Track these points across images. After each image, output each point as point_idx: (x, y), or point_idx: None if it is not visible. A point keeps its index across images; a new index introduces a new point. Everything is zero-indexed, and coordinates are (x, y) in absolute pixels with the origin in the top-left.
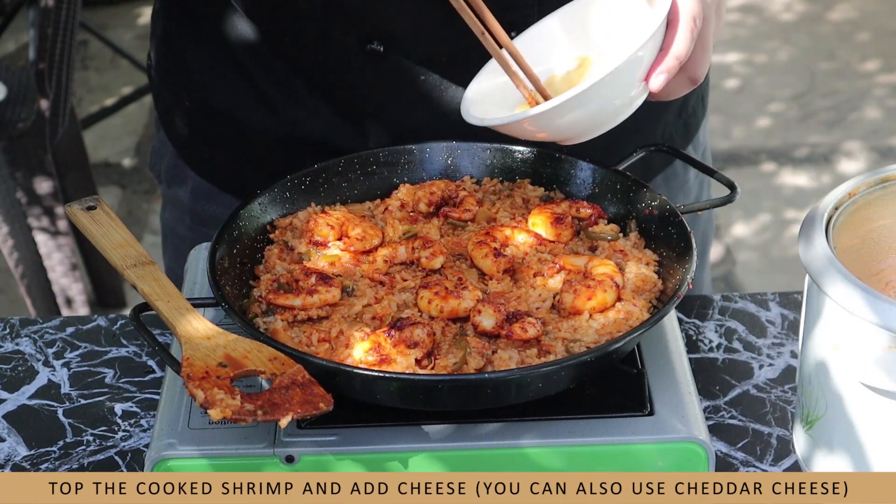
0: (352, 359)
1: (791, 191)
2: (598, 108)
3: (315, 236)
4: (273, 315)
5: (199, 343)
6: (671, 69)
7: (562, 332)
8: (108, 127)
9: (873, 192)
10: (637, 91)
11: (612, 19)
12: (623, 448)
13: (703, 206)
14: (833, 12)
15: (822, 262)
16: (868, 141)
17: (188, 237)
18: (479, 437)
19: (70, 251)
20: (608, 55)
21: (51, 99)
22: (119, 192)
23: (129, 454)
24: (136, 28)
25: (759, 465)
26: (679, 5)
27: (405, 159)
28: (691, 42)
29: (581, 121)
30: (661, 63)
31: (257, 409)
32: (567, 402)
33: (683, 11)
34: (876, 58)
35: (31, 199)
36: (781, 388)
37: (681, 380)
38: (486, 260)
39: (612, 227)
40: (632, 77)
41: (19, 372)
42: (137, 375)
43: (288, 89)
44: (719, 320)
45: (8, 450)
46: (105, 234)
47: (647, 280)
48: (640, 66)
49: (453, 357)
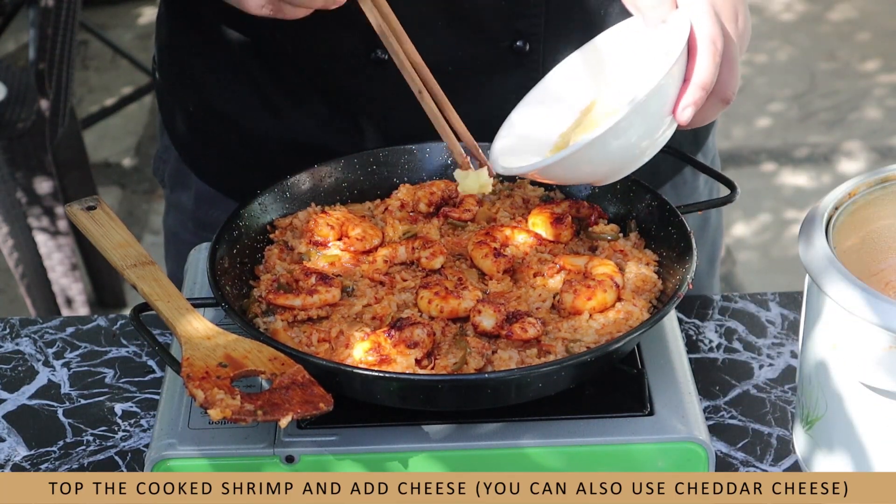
0: (352, 359)
1: (791, 191)
2: (623, 147)
3: (315, 236)
4: (273, 315)
5: (199, 343)
6: (697, 100)
7: (562, 332)
8: (108, 127)
9: (873, 192)
10: (665, 126)
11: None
12: (623, 448)
13: (703, 205)
14: (833, 12)
15: (822, 262)
16: (868, 141)
17: (191, 242)
18: (479, 437)
19: (70, 251)
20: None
21: (51, 99)
22: (119, 192)
23: (129, 454)
24: (136, 28)
25: (759, 465)
26: (696, 31)
27: (405, 159)
28: (714, 67)
29: (607, 162)
30: (685, 95)
31: (257, 409)
32: (567, 402)
33: (701, 36)
34: (876, 58)
35: (31, 199)
36: (781, 388)
37: (681, 380)
38: (486, 260)
39: (612, 227)
40: (657, 112)
41: (19, 372)
42: (137, 375)
43: (293, 95)
44: (719, 320)
45: (8, 450)
46: (105, 234)
47: (647, 280)
48: (664, 101)
49: (453, 357)
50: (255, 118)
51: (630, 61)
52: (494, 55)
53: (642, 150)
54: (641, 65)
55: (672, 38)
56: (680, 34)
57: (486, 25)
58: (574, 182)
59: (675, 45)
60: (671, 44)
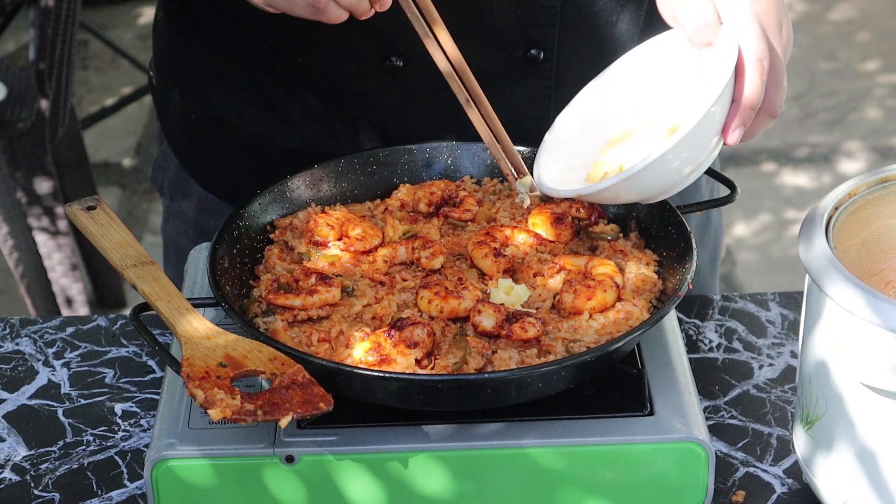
0: (352, 359)
1: (791, 191)
2: (671, 172)
3: (315, 236)
4: (273, 315)
5: (199, 343)
6: (746, 121)
7: (562, 332)
8: (108, 127)
9: (873, 192)
10: (712, 146)
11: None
12: (623, 448)
13: (703, 206)
14: (833, 12)
15: (822, 262)
16: (868, 141)
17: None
18: (479, 437)
19: (70, 251)
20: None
21: (51, 99)
22: (119, 192)
23: (129, 454)
24: (136, 28)
25: (759, 465)
26: (744, 50)
27: (405, 159)
28: (762, 87)
29: (655, 187)
30: (735, 118)
31: (257, 409)
32: (567, 402)
33: (749, 56)
34: (876, 58)
35: (31, 199)
36: (781, 388)
37: (681, 380)
38: (486, 260)
39: (612, 227)
40: (706, 136)
41: (19, 372)
42: (137, 375)
43: (300, 103)
44: (719, 320)
45: (8, 450)
46: (105, 234)
47: (647, 280)
48: (713, 125)
49: (453, 357)
50: (259, 126)
51: (672, 77)
52: (508, 64)
53: (689, 172)
54: (685, 82)
55: (717, 58)
56: (727, 54)
57: (501, 34)
58: (616, 203)
59: (724, 67)
60: (717, 63)
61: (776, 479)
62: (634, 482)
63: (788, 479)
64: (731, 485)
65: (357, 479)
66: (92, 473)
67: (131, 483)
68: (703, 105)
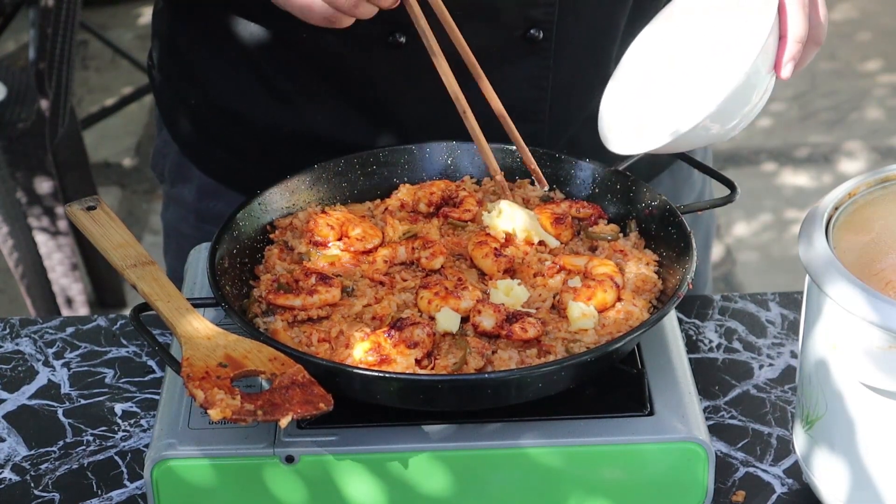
0: (352, 359)
1: (791, 191)
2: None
3: (315, 236)
4: (273, 315)
5: (199, 343)
6: (796, 54)
7: (562, 332)
8: (108, 127)
9: (873, 192)
10: (767, 81)
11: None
12: (623, 448)
13: (704, 206)
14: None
15: (822, 262)
16: (868, 141)
17: (192, 236)
18: (479, 437)
19: (70, 251)
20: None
21: (51, 99)
22: (119, 192)
23: (129, 454)
24: (136, 28)
25: (759, 465)
26: None
27: (405, 159)
28: (806, 20)
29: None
30: (784, 52)
31: (257, 409)
32: (567, 402)
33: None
34: (876, 58)
35: (31, 199)
36: (781, 388)
37: (681, 380)
38: (486, 260)
39: (612, 227)
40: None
41: (19, 372)
42: (137, 375)
43: (300, 82)
44: (719, 320)
45: (8, 450)
46: (105, 234)
47: (647, 280)
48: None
49: (453, 357)
50: (261, 110)
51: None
52: (508, 44)
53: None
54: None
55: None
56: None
57: (501, 15)
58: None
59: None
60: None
61: (776, 479)
62: (634, 482)
63: (788, 479)
64: (731, 485)
65: (357, 479)
66: (92, 473)
67: (131, 483)
68: (758, 40)
